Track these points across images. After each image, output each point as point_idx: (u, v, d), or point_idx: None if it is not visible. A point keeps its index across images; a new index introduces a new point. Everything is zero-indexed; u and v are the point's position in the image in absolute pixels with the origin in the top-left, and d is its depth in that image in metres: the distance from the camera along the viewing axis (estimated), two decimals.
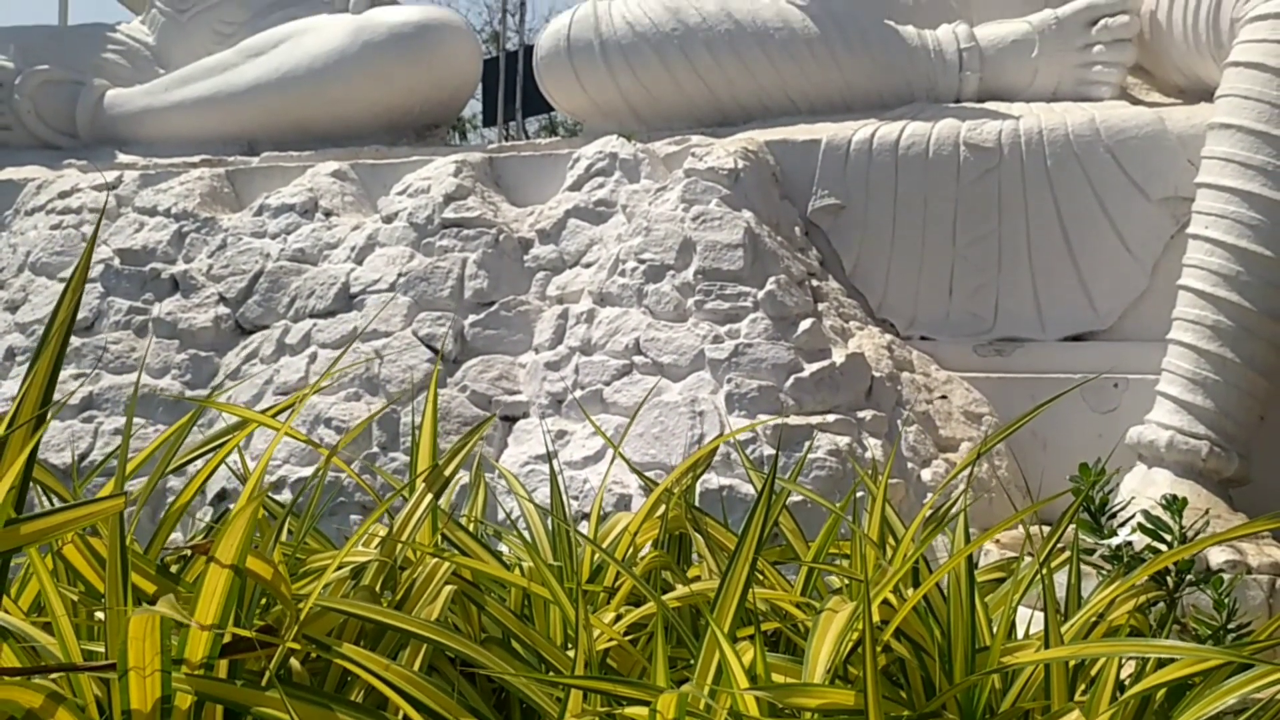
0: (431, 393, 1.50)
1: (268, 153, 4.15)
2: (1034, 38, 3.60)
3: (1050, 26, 3.58)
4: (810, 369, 2.96)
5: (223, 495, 2.90)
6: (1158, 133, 3.11)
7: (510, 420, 3.20)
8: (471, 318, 3.34)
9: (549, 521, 1.56)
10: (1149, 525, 1.52)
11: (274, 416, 1.37)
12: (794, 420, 2.85)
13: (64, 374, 3.42)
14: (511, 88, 5.78)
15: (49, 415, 1.03)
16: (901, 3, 4.07)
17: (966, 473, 2.45)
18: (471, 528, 1.51)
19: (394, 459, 3.02)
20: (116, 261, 3.63)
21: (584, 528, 1.99)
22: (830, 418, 2.89)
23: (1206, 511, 2.32)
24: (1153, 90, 3.61)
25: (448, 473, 1.29)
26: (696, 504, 1.65)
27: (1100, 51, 3.49)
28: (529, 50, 5.14)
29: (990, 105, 3.54)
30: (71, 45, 4.82)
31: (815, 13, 3.82)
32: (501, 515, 2.73)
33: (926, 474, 2.93)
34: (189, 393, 3.35)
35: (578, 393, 3.09)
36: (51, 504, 1.28)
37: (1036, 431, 2.97)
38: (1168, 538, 1.50)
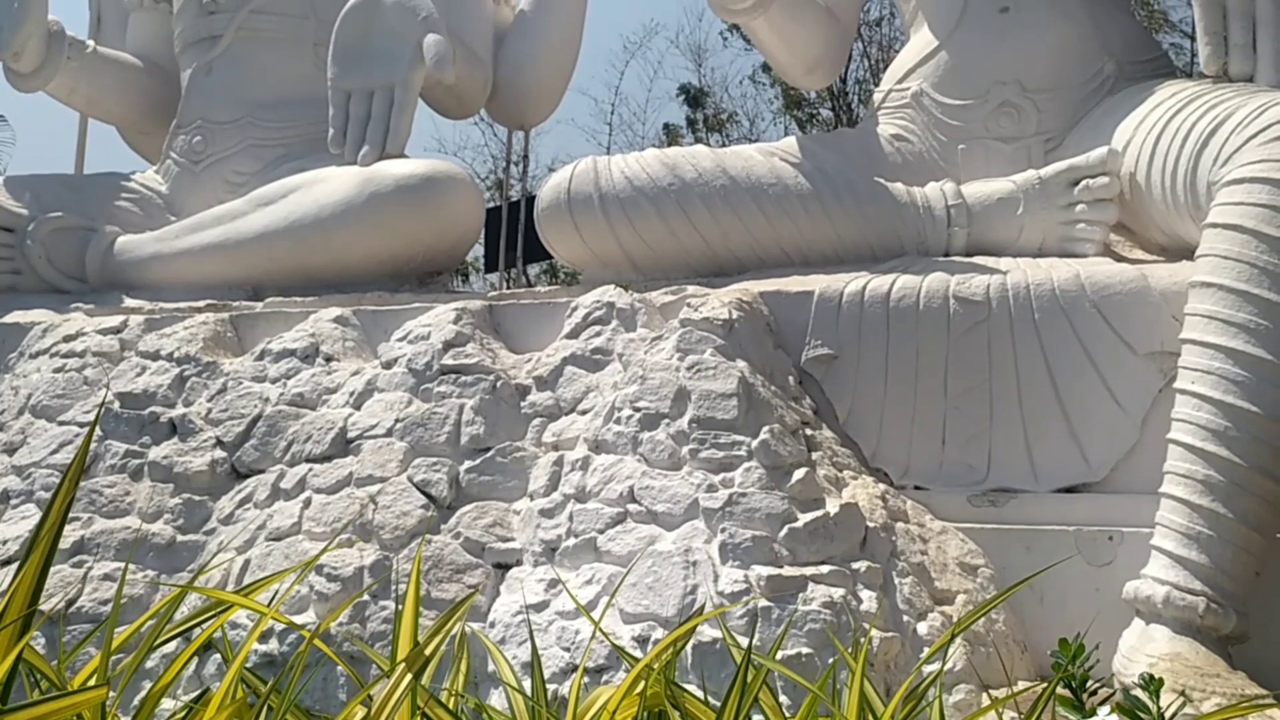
0: (416, 564, 1.50)
1: (272, 298, 4.23)
2: (1019, 196, 3.72)
3: (1034, 186, 3.71)
4: (804, 519, 2.95)
5: (209, 645, 2.86)
6: (1142, 289, 3.18)
7: (503, 568, 3.17)
8: (467, 463, 3.35)
9: (529, 686, 1.54)
10: (1127, 707, 1.50)
11: (255, 593, 1.37)
12: (788, 571, 2.83)
13: None
14: (513, 236, 5.93)
15: (33, 623, 1.03)
16: (890, 160, 4.22)
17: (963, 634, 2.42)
18: (452, 703, 1.49)
19: (384, 607, 2.99)
20: (117, 405, 3.66)
21: (569, 686, 1.95)
22: (824, 569, 2.87)
23: (1183, 692, 2.28)
24: (1135, 247, 3.71)
25: (429, 651, 1.28)
26: (690, 659, 1.63)
27: (1083, 210, 3.60)
28: (531, 200, 5.29)
29: (978, 259, 3.63)
30: (86, 193, 4.98)
31: (808, 169, 3.95)
32: (492, 666, 2.68)
33: (923, 627, 2.89)
34: (181, 538, 3.34)
35: (571, 541, 3.08)
36: (38, 681, 1.27)
37: (1033, 585, 2.94)
38: (1145, 719, 1.48)
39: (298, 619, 2.96)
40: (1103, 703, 1.50)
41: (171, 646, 2.62)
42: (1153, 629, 2.71)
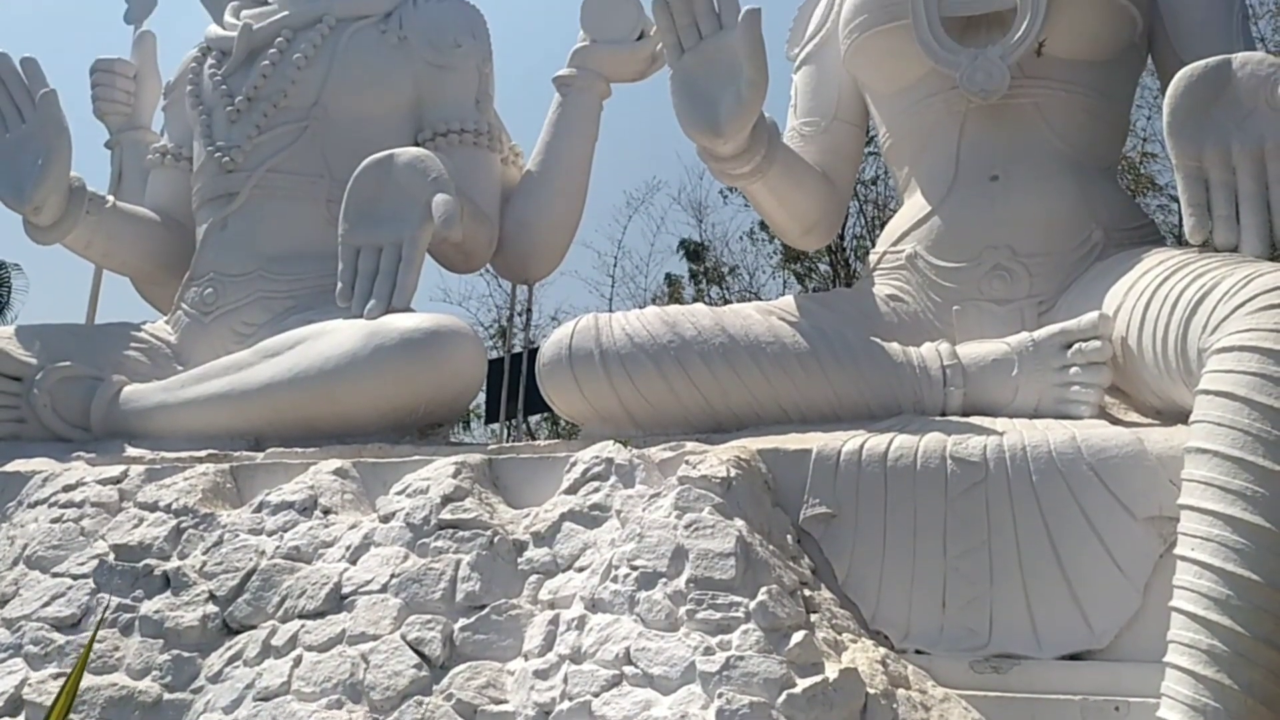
0: None
1: (273, 449, 4.25)
2: (1013, 358, 3.78)
3: (1028, 348, 3.77)
4: (803, 684, 2.89)
5: None
6: (1138, 453, 3.20)
7: None
8: (462, 621, 3.30)
9: None
10: None
11: None
12: None
13: (44, 673, 3.35)
14: (515, 387, 5.99)
15: None
16: (886, 320, 4.31)
17: None
18: None
19: None
20: (111, 557, 3.64)
21: None
22: None
23: None
24: (1130, 410, 3.75)
25: None
26: None
27: (1077, 373, 3.65)
28: (533, 352, 5.37)
29: (975, 420, 3.66)
30: (96, 342, 5.06)
31: (805, 328, 4.02)
32: None
33: None
34: (168, 695, 3.26)
35: (566, 704, 3.01)
36: None
37: None
38: None
39: None
40: None
41: None
42: None
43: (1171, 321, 3.28)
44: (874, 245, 4.84)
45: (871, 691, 2.96)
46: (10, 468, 4.31)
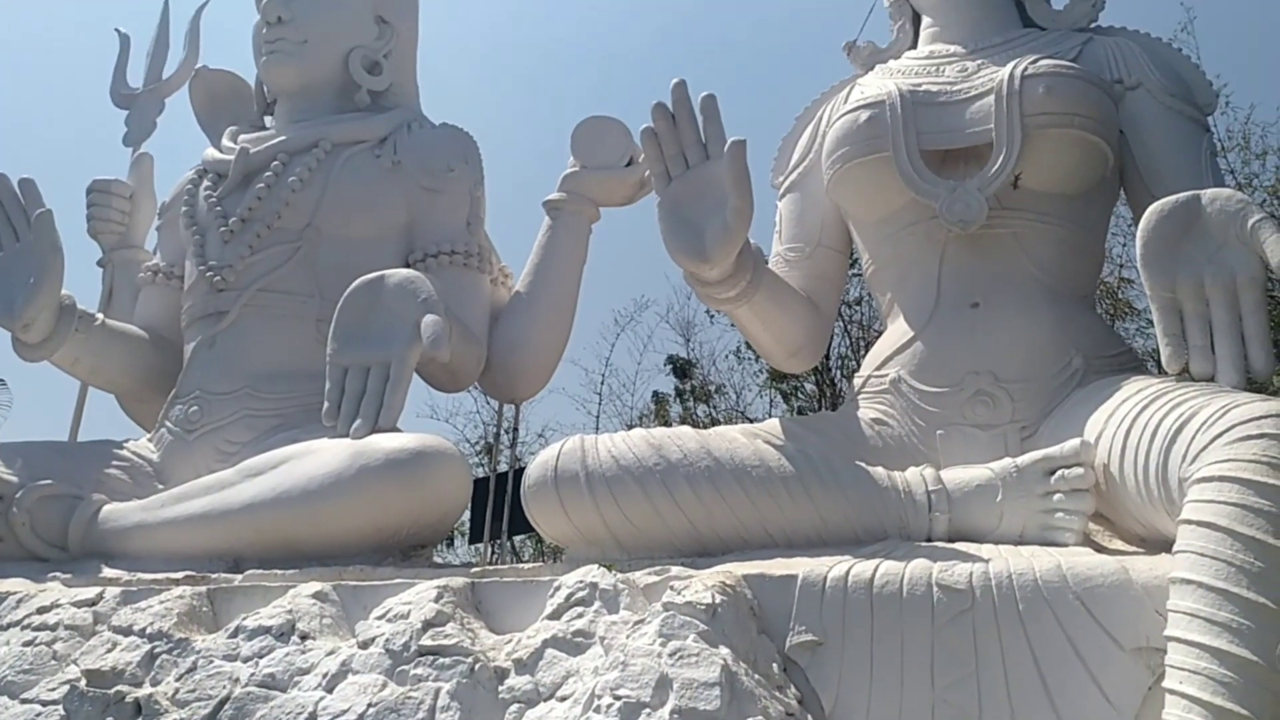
0: None
1: (251, 570, 4.19)
2: (997, 484, 3.80)
3: (1012, 474, 3.79)
4: None
5: None
6: (1123, 582, 3.19)
7: None
8: None
9: None
10: None
11: None
12: None
13: None
14: (500, 507, 5.95)
15: None
16: (871, 443, 4.33)
17: None
18: None
19: None
20: (83, 683, 3.55)
21: None
22: None
23: None
24: (1114, 537, 3.75)
25: None
26: None
27: (1060, 500, 3.67)
28: (519, 471, 5.35)
29: (960, 545, 3.65)
30: (78, 460, 5.02)
31: (791, 452, 4.04)
32: None
33: None
34: None
35: None
36: None
37: None
38: None
39: None
40: None
41: None
42: None
43: (1152, 450, 3.31)
44: (859, 365, 4.90)
45: None
46: None
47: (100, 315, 5.63)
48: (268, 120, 6.20)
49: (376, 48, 6.04)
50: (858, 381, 4.72)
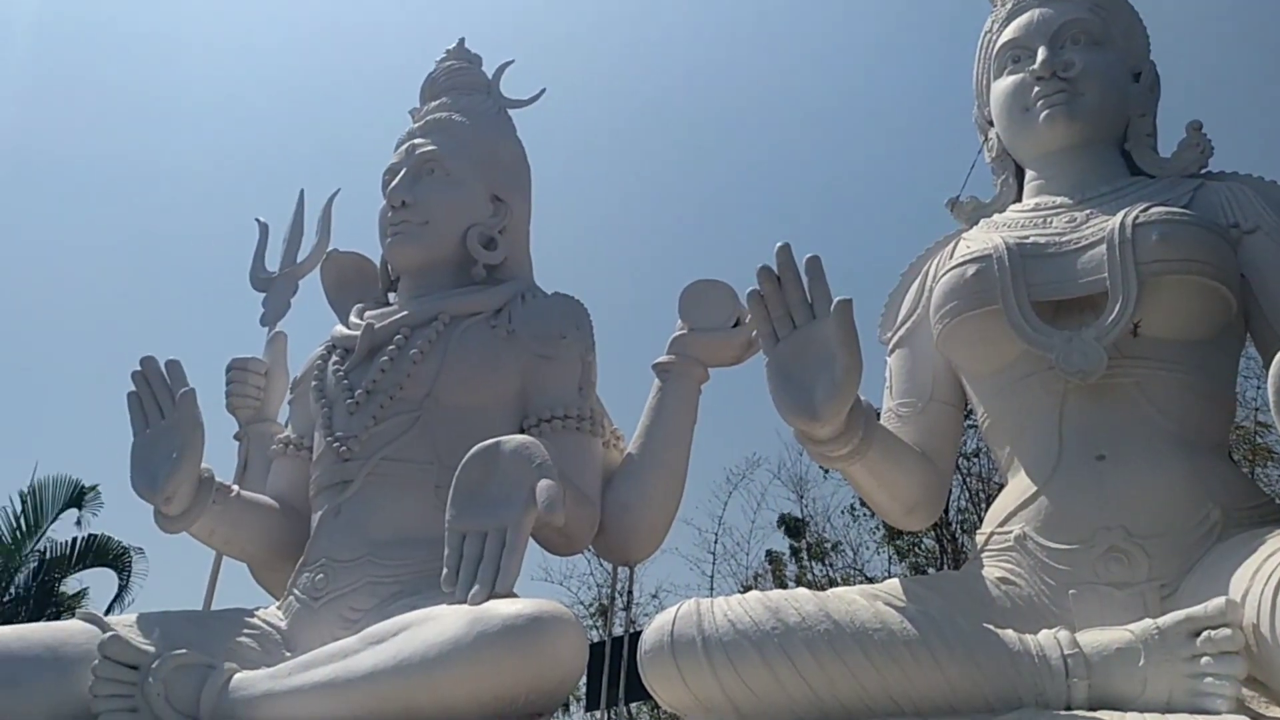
0: None
1: None
2: (1139, 647, 3.59)
3: (1153, 636, 3.59)
4: None
5: None
6: None
7: None
8: None
9: None
10: None
11: None
12: None
13: None
14: (616, 673, 5.86)
15: None
16: (998, 604, 4.17)
17: None
18: None
19: None
20: None
21: None
22: None
23: None
24: (1270, 703, 3.49)
25: None
26: None
27: (1209, 664, 3.45)
28: (634, 635, 5.29)
29: (1104, 715, 3.45)
30: (210, 630, 5.15)
31: (913, 614, 3.91)
32: None
33: None
34: None
35: None
36: None
37: None
38: None
39: None
40: None
41: None
42: None
43: None
44: (979, 519, 4.77)
45: None
46: None
47: (235, 487, 5.87)
48: (391, 296, 6.52)
49: (492, 224, 6.34)
50: (980, 539, 4.58)
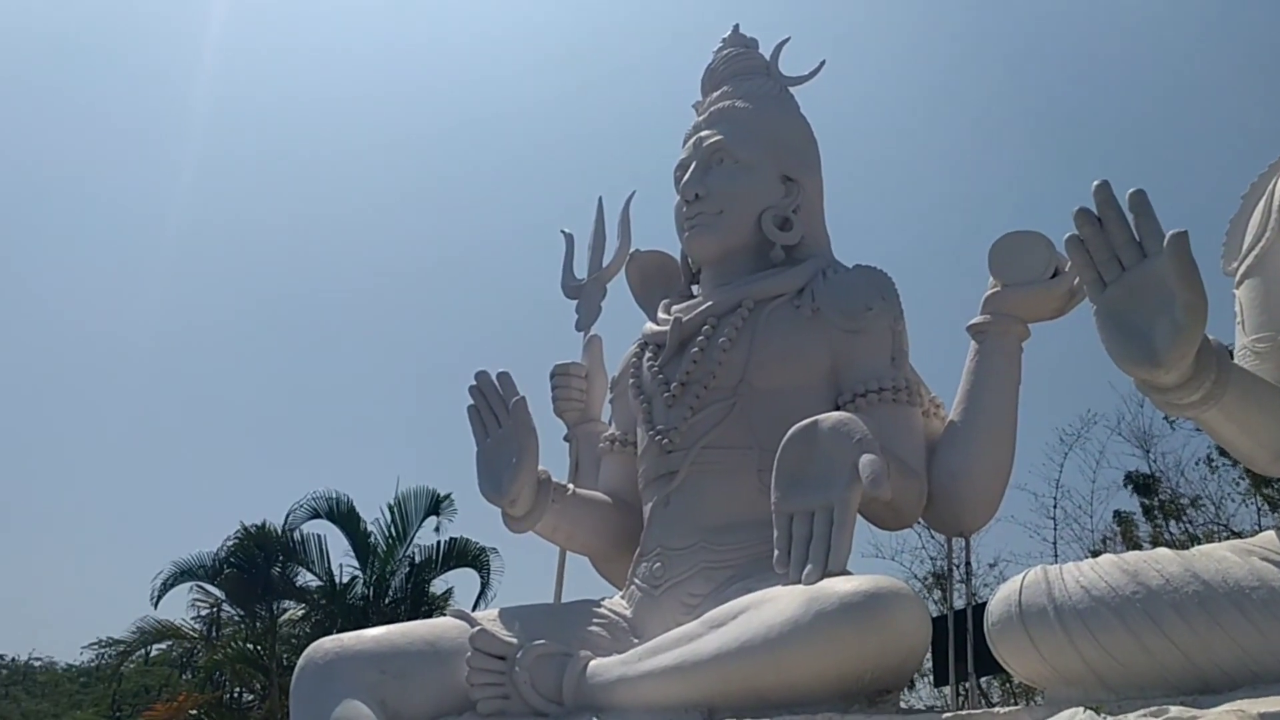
0: None
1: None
2: None
3: None
4: None
5: None
6: None
7: None
8: None
9: None
10: None
11: None
12: None
13: None
14: (962, 646, 5.68)
15: None
16: None
17: None
18: None
19: None
20: None
21: None
22: None
23: None
24: None
25: None
26: None
27: None
28: (978, 607, 5.11)
29: None
30: (564, 620, 5.53)
31: None
32: None
33: None
34: None
35: None
36: None
37: None
38: None
39: None
40: None
41: None
42: None
43: None
44: None
45: None
46: None
47: (570, 486, 6.24)
48: (695, 289, 6.66)
49: (785, 205, 6.33)
50: None
